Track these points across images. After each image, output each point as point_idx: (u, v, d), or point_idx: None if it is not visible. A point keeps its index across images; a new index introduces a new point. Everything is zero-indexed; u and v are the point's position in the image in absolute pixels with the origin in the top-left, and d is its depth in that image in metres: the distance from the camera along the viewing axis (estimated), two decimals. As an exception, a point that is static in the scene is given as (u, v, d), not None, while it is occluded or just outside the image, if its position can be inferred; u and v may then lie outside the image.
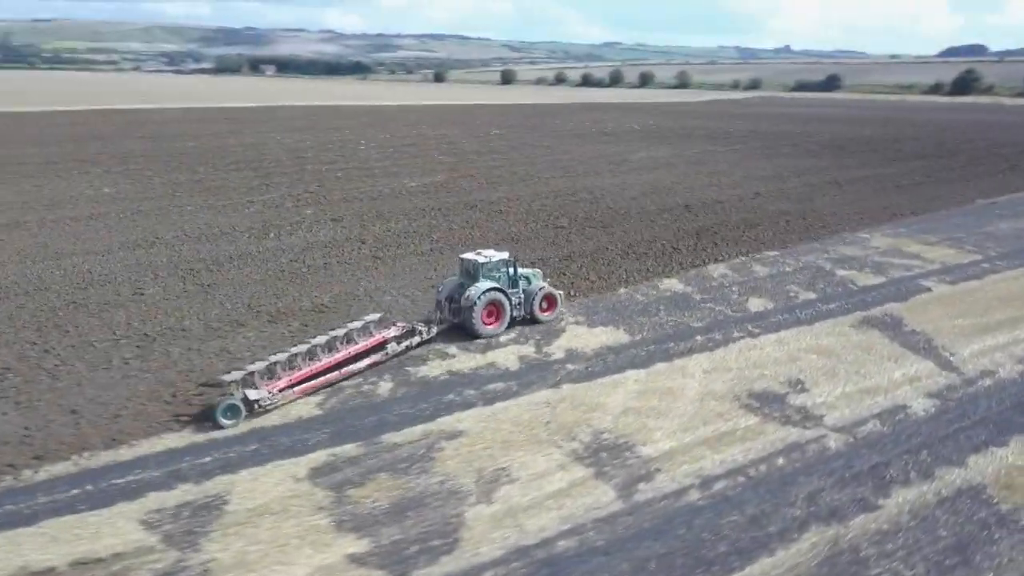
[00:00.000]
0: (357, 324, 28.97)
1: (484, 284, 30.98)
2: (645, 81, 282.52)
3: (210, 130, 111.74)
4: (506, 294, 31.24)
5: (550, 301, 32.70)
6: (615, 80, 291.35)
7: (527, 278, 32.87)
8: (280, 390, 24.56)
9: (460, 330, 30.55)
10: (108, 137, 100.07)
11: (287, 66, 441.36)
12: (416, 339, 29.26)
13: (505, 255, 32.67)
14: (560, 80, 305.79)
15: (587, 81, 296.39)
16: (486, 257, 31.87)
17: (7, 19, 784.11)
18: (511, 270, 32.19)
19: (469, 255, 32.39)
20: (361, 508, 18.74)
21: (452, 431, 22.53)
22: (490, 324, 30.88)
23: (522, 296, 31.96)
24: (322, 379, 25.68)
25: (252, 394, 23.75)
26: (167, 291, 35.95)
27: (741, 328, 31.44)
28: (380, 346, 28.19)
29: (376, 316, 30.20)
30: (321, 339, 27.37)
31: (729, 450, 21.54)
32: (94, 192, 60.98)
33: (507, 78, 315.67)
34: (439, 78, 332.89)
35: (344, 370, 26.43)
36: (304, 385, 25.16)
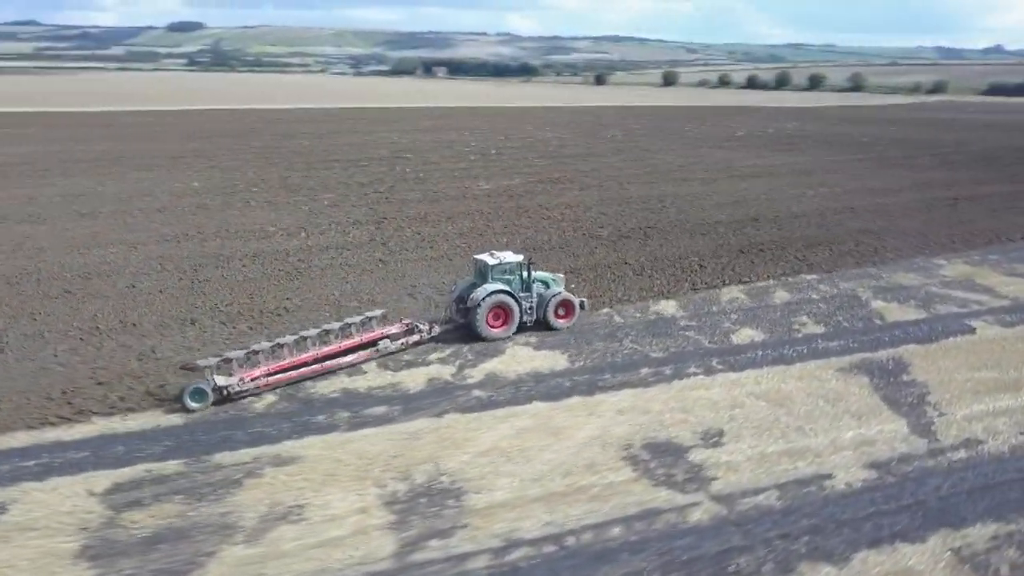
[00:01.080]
0: (356, 319, 28.89)
1: (491, 286, 29.91)
2: (815, 83, 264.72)
3: (335, 129, 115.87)
4: (515, 297, 30.08)
5: (567, 308, 31.21)
6: (782, 82, 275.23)
7: (545, 283, 31.60)
8: (253, 379, 24.65)
9: (467, 331, 29.76)
10: (239, 134, 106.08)
11: (458, 68, 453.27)
12: (415, 338, 28.88)
13: (519, 258, 31.54)
14: (724, 82, 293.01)
15: (752, 83, 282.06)
16: (497, 259, 30.89)
17: (220, 26, 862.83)
18: (525, 273, 30.97)
19: (482, 256, 31.49)
20: (120, 535, 17.53)
21: (286, 457, 20.88)
22: (496, 327, 29.81)
23: (535, 301, 30.71)
24: (302, 371, 25.73)
25: (221, 380, 23.97)
26: (158, 286, 36.69)
27: (703, 363, 27.50)
28: (375, 343, 28.01)
29: (378, 312, 29.87)
30: (313, 331, 27.45)
31: (568, 511, 18.43)
32: (182, 186, 64.29)
33: (669, 80, 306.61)
34: (600, 80, 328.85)
35: (327, 364, 26.34)
36: (282, 376, 25.22)
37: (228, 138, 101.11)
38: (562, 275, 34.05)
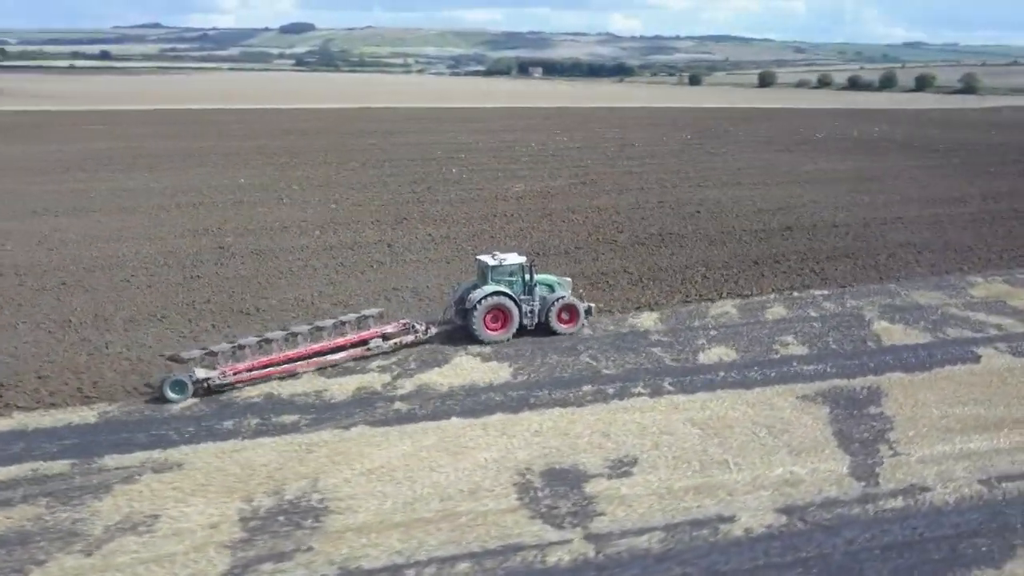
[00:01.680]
0: (351, 316, 28.93)
1: (489, 288, 29.38)
2: (923, 84, 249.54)
3: (406, 128, 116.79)
4: (515, 300, 29.46)
5: (571, 313, 30.34)
6: (887, 83, 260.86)
7: (550, 286, 30.93)
8: (236, 372, 24.83)
9: (465, 332, 29.29)
10: (311, 133, 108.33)
11: (553, 68, 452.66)
12: (409, 338, 28.64)
13: (521, 260, 30.89)
14: (824, 83, 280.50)
15: (855, 84, 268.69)
16: (497, 260, 30.28)
17: (330, 28, 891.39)
18: (527, 276, 30.26)
19: (484, 257, 30.97)
20: (-32, 534, 17.37)
21: (170, 463, 20.40)
22: (495, 330, 29.24)
23: (537, 304, 30.01)
24: (286, 367, 25.82)
25: (200, 372, 24.26)
26: (152, 281, 37.28)
27: (654, 383, 25.54)
28: (366, 341, 27.95)
29: (375, 311, 29.78)
30: (304, 327, 27.57)
31: (424, 539, 17.14)
32: (229, 182, 65.74)
33: (765, 80, 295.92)
34: (694, 81, 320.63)
35: (313, 361, 26.37)
36: (265, 371, 25.41)
37: (297, 136, 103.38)
38: (569, 279, 32.90)
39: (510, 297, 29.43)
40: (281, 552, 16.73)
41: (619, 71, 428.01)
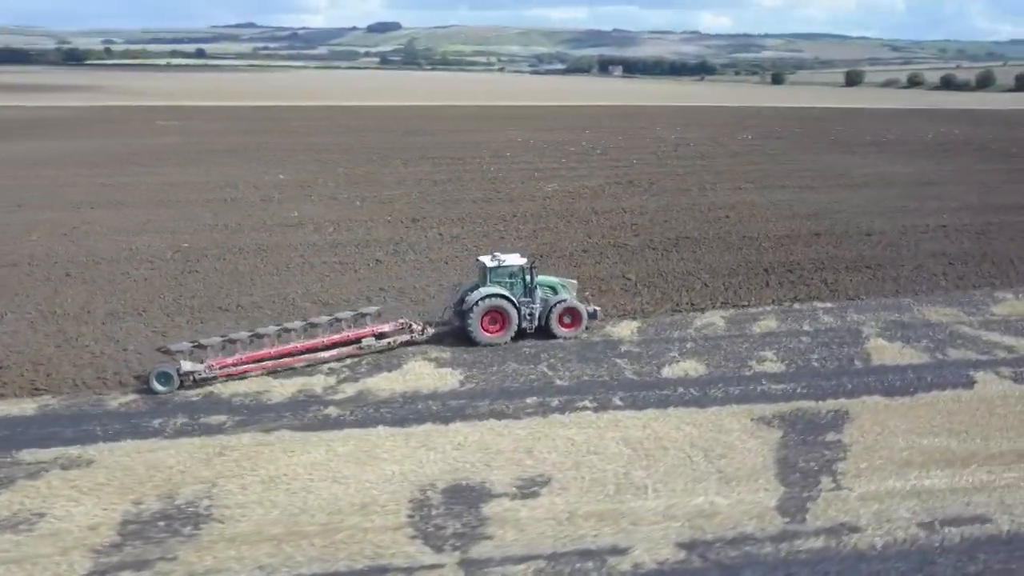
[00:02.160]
0: (347, 314, 28.82)
1: (487, 289, 28.83)
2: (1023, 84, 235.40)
3: (464, 126, 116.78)
4: (512, 302, 28.72)
5: (573, 316, 29.41)
6: (984, 83, 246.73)
7: (553, 288, 30.22)
8: (223, 367, 25.08)
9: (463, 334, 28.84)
10: (368, 130, 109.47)
11: (633, 67, 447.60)
12: (404, 337, 28.30)
13: (521, 261, 30.12)
14: (914, 82, 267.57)
15: (948, 84, 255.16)
16: (496, 261, 29.63)
17: (415, 27, 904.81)
18: (527, 277, 29.53)
19: (484, 258, 30.41)
20: None
21: (82, 460, 20.31)
22: (492, 332, 28.60)
23: (537, 307, 29.19)
24: (274, 363, 25.86)
25: (186, 365, 24.63)
26: (149, 275, 37.79)
27: (603, 397, 24.19)
28: (359, 340, 27.82)
29: (374, 309, 29.71)
30: (297, 323, 27.69)
31: (292, 555, 16.46)
32: (270, 178, 66.69)
33: (852, 80, 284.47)
34: (777, 80, 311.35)
35: (304, 357, 26.49)
36: (252, 366, 25.58)
37: (355, 133, 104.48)
38: (574, 281, 31.96)
39: (508, 299, 28.65)
40: (144, 560, 16.32)
41: (701, 70, 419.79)
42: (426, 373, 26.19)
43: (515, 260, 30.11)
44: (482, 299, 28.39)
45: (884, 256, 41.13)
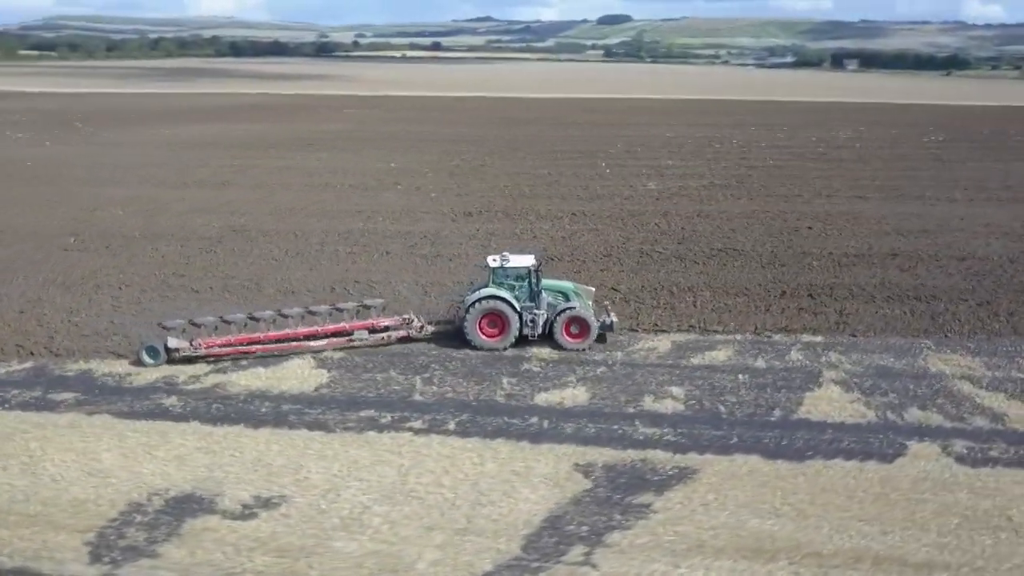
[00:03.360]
0: (350, 304, 28.93)
1: (486, 291, 27.61)
2: None
3: (625, 120, 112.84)
4: (513, 305, 27.13)
5: (581, 327, 27.17)
6: None
7: (564, 294, 28.22)
8: (208, 347, 25.99)
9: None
10: (521, 121, 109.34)
11: (872, 60, 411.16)
12: (400, 333, 27.70)
13: (528, 262, 28.37)
14: None
15: None
16: (499, 262, 28.05)
17: (646, 18, 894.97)
18: (533, 280, 27.93)
19: (490, 257, 29.03)
20: None
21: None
22: (491, 336, 27.16)
23: (542, 312, 27.37)
24: (265, 347, 26.40)
25: (172, 342, 25.91)
26: (174, 253, 39.63)
27: (443, 420, 21.86)
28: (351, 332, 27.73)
29: (379, 301, 29.39)
30: (295, 310, 28.02)
31: (-33, 544, 16.30)
32: (381, 166, 68.35)
33: None
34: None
35: (294, 344, 26.65)
36: (238, 348, 26.24)
37: (505, 125, 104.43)
38: (591, 288, 29.65)
39: (507, 302, 26.88)
40: None
41: (951, 63, 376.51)
42: (297, 374, 25.21)
43: (523, 261, 28.12)
44: (479, 300, 26.84)
45: (954, 287, 34.04)
